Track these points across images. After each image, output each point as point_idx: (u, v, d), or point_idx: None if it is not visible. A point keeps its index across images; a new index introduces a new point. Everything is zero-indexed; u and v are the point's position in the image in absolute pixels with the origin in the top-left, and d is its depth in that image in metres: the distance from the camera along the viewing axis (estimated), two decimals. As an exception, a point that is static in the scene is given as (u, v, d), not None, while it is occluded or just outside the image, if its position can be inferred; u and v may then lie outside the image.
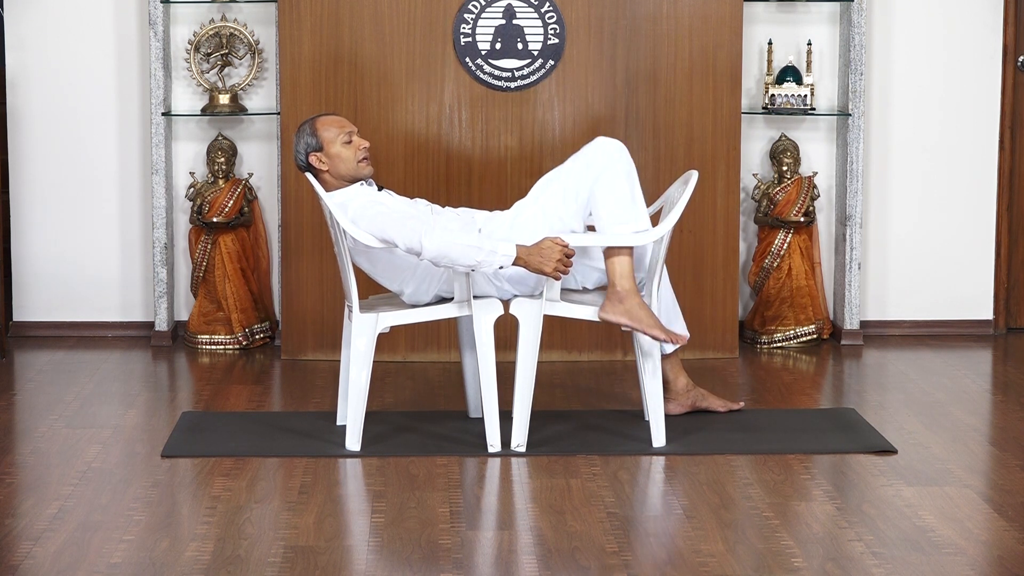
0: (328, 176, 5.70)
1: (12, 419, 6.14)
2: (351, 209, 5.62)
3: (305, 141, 5.71)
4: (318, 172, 5.71)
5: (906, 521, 4.89)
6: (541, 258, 5.48)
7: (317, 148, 5.69)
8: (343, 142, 5.69)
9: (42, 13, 7.38)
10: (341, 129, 5.71)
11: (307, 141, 5.70)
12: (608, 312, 5.58)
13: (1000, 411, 6.33)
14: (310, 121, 5.75)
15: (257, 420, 6.09)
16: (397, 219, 5.52)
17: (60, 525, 4.85)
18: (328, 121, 5.74)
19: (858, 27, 7.25)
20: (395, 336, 6.97)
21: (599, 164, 5.59)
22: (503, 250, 5.45)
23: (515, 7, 6.97)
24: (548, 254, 5.47)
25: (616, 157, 5.61)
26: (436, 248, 5.44)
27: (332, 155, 5.68)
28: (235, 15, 7.35)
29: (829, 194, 7.52)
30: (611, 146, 5.63)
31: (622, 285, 5.56)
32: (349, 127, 5.72)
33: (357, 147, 5.71)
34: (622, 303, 5.56)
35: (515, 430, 5.62)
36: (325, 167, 5.69)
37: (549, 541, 4.73)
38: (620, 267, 5.57)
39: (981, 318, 7.64)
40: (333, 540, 4.74)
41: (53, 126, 7.44)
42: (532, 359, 5.62)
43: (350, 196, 5.68)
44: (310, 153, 5.69)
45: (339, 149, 5.69)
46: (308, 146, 5.70)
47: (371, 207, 5.59)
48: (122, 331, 7.55)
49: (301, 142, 5.72)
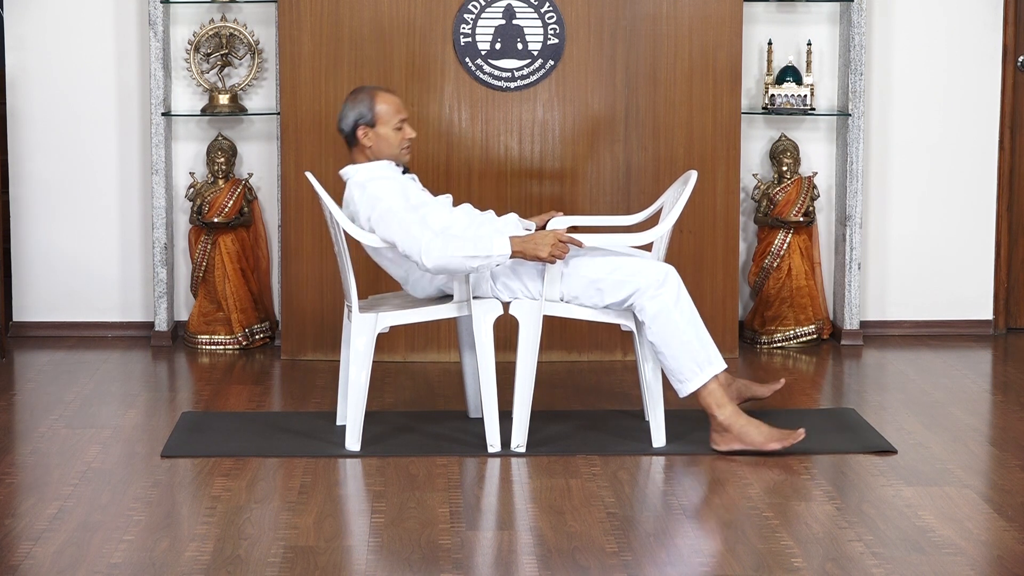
0: (367, 151, 5.68)
1: (12, 419, 6.14)
2: (369, 188, 5.59)
3: (359, 111, 5.65)
4: (354, 144, 5.69)
5: (906, 521, 4.89)
6: (535, 244, 5.48)
7: (369, 123, 5.65)
8: (395, 127, 5.66)
9: (42, 13, 7.38)
10: (397, 113, 5.67)
11: (361, 112, 5.65)
12: (720, 444, 5.58)
13: (1000, 411, 6.33)
14: (369, 92, 5.67)
15: (257, 420, 6.09)
16: (403, 227, 5.48)
17: (60, 525, 4.85)
18: (388, 99, 5.67)
19: (858, 27, 7.25)
20: (395, 336, 6.97)
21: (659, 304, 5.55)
22: (497, 251, 5.45)
23: (515, 7, 6.97)
24: (542, 240, 5.48)
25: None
26: (435, 264, 5.45)
27: (381, 135, 5.65)
28: (235, 15, 7.35)
29: (829, 194, 7.52)
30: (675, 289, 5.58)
31: (722, 415, 5.54)
32: (404, 113, 5.68)
33: (405, 135, 5.68)
34: (729, 431, 5.56)
35: (515, 430, 5.62)
36: (369, 143, 5.66)
37: (549, 541, 4.73)
38: (712, 397, 5.54)
39: (981, 318, 7.64)
40: (333, 540, 4.74)
41: (53, 126, 7.44)
42: (532, 359, 5.62)
43: (375, 174, 5.64)
44: (360, 125, 5.65)
45: (389, 132, 5.66)
46: (361, 117, 5.64)
47: (385, 199, 5.54)
48: (122, 331, 7.55)
49: (354, 111, 5.65)
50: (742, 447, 5.55)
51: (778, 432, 5.54)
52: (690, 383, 5.52)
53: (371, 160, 5.68)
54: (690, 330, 5.52)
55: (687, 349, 5.51)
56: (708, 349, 5.56)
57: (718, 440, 5.58)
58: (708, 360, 5.54)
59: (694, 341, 5.52)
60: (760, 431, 5.53)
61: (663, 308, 5.50)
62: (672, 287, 5.52)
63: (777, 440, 5.51)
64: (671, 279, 5.54)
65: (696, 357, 5.52)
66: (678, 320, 5.51)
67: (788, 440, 5.51)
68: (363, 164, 5.68)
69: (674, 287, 5.53)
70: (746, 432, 5.53)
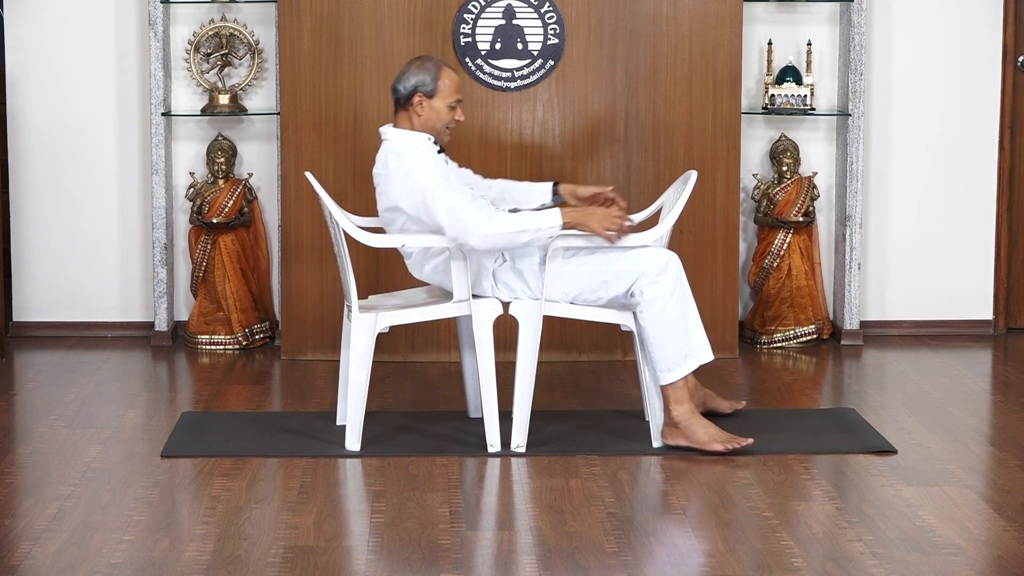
0: (415, 119, 5.68)
1: (12, 419, 6.14)
2: (407, 161, 5.59)
3: (422, 78, 5.65)
4: (405, 107, 5.69)
5: (906, 521, 4.89)
6: (588, 216, 5.53)
7: (428, 93, 5.65)
8: (450, 104, 5.68)
9: (42, 13, 7.38)
10: (456, 93, 5.69)
11: (424, 80, 5.65)
12: (668, 438, 5.65)
13: (1000, 411, 6.32)
14: (437, 64, 5.69)
15: (257, 420, 6.09)
16: (447, 207, 5.50)
17: (60, 525, 4.85)
18: (452, 77, 5.69)
19: (858, 27, 7.25)
20: (395, 336, 6.96)
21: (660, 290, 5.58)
22: (548, 223, 5.49)
23: (515, 7, 6.97)
24: (596, 212, 5.54)
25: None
26: (482, 242, 5.48)
27: (435, 108, 5.66)
28: (235, 15, 7.35)
29: (829, 194, 7.52)
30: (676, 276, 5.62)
31: (676, 411, 5.60)
32: (461, 95, 5.71)
33: (455, 116, 5.70)
34: (678, 427, 5.61)
35: (515, 430, 5.62)
36: (420, 113, 5.67)
37: (549, 541, 4.73)
38: (673, 393, 5.59)
39: (981, 318, 7.64)
40: (333, 540, 4.74)
41: (53, 126, 7.44)
42: (532, 359, 5.62)
43: (413, 145, 5.64)
44: (419, 91, 5.65)
45: (443, 107, 5.67)
46: (422, 84, 5.65)
47: (425, 179, 5.53)
48: (122, 331, 7.55)
49: (417, 77, 5.66)
50: (687, 444, 5.59)
51: (724, 435, 5.60)
52: (671, 373, 5.58)
53: (415, 129, 5.69)
54: (680, 322, 5.57)
55: (675, 340, 5.56)
56: (694, 341, 5.62)
57: (667, 434, 5.65)
58: (691, 353, 5.60)
59: (682, 333, 5.58)
60: (707, 432, 5.59)
61: (659, 295, 5.53)
62: (671, 275, 5.55)
63: (720, 442, 5.57)
64: (671, 266, 5.56)
65: (681, 349, 5.57)
66: (671, 310, 5.54)
67: (731, 444, 5.56)
68: (405, 131, 5.69)
69: (673, 275, 5.56)
70: (693, 431, 5.59)
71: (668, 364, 5.57)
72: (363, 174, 7.00)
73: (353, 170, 7.00)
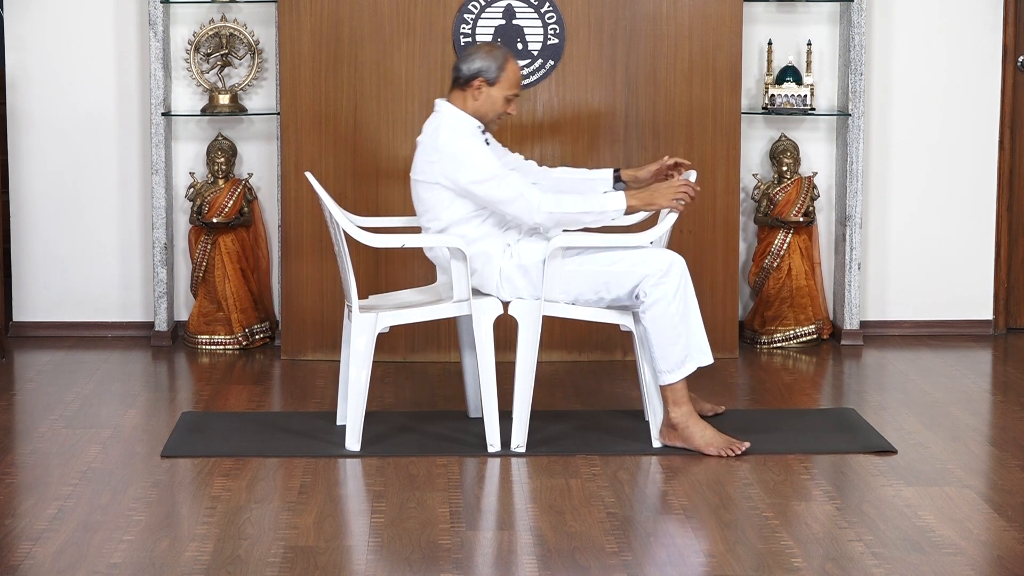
0: (468, 102, 5.68)
1: (12, 419, 6.14)
2: (460, 142, 5.60)
3: (487, 64, 5.66)
4: (463, 88, 5.69)
5: (906, 521, 4.89)
6: (652, 194, 5.59)
7: (490, 80, 5.66)
8: (507, 96, 5.69)
9: (42, 13, 7.38)
10: (515, 87, 5.71)
11: (489, 66, 5.66)
12: (665, 439, 5.65)
13: (1000, 411, 6.32)
14: (505, 54, 5.69)
15: (257, 420, 6.09)
16: (510, 187, 5.53)
17: (60, 525, 4.85)
18: (515, 70, 5.70)
19: (858, 27, 7.25)
20: (395, 336, 6.96)
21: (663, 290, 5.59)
22: (612, 205, 5.55)
23: (515, 7, 6.97)
24: (661, 188, 5.59)
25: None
26: (547, 218, 5.55)
27: (492, 96, 5.67)
28: (235, 15, 7.35)
29: (829, 194, 7.52)
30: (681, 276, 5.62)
31: (675, 413, 5.60)
32: (518, 91, 5.73)
33: (508, 108, 5.71)
34: (675, 429, 5.61)
35: (515, 430, 5.62)
36: (476, 98, 5.68)
37: (549, 541, 4.73)
38: (672, 395, 5.60)
39: (981, 318, 7.64)
40: (333, 540, 4.74)
41: (53, 126, 7.44)
42: (531, 359, 5.62)
43: (465, 126, 5.66)
44: (481, 75, 5.65)
45: (499, 97, 5.68)
46: (486, 70, 5.65)
47: (480, 167, 5.55)
48: (122, 331, 7.55)
49: (483, 62, 5.66)
50: (683, 446, 5.60)
51: (721, 439, 5.59)
52: (671, 375, 5.58)
53: (467, 111, 5.69)
54: (682, 324, 5.58)
55: (676, 343, 5.56)
56: (695, 343, 5.63)
57: (665, 434, 5.65)
58: (691, 356, 5.61)
59: (683, 336, 5.58)
60: (703, 435, 5.59)
61: (662, 297, 5.53)
62: (675, 277, 5.55)
63: (716, 447, 5.57)
64: (675, 268, 5.56)
65: (682, 351, 5.57)
66: (674, 312, 5.55)
67: (726, 450, 5.56)
68: (458, 110, 5.69)
69: (677, 276, 5.56)
70: (690, 433, 5.59)
71: (668, 365, 5.57)
72: (363, 174, 7.00)
73: (353, 170, 7.00)
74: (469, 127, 5.67)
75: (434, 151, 5.64)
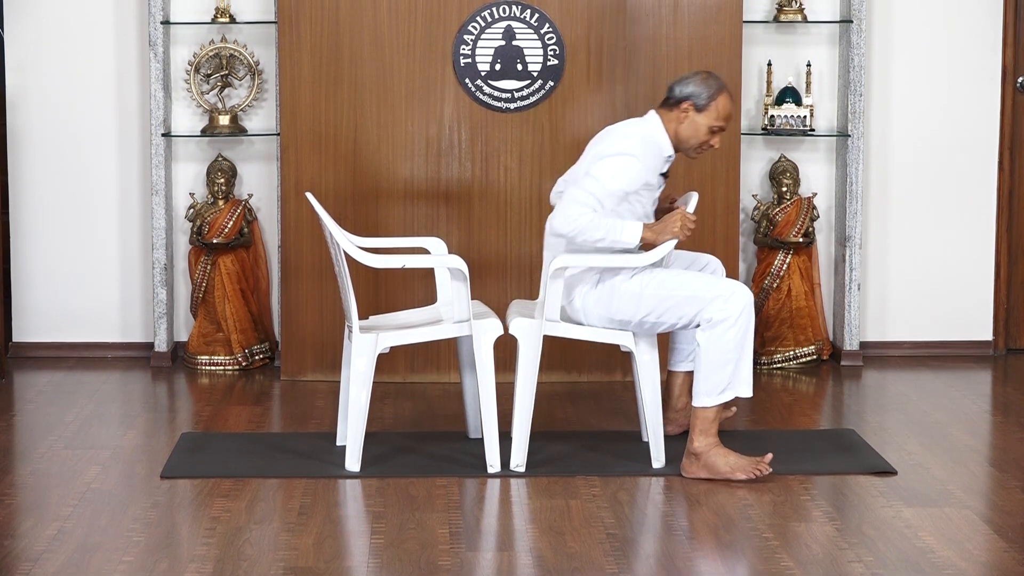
0: (672, 124, 5.67)
1: (11, 440, 6.14)
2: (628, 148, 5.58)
3: (699, 91, 5.65)
4: (672, 109, 5.68)
5: (906, 542, 4.89)
6: (662, 228, 5.57)
7: (698, 107, 5.64)
8: (711, 127, 5.66)
9: (42, 34, 7.39)
10: (722, 119, 5.66)
11: (700, 92, 5.65)
12: (687, 470, 5.60)
13: (1000, 432, 6.32)
14: (720, 87, 5.66)
15: (257, 441, 6.08)
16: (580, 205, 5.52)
17: (59, 546, 4.85)
18: (726, 104, 5.67)
19: (857, 48, 7.26)
20: (395, 357, 6.96)
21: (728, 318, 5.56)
22: (627, 237, 5.52)
23: (515, 28, 6.98)
24: (669, 225, 5.57)
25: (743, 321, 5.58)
26: (562, 226, 5.53)
27: (696, 123, 5.66)
28: (235, 36, 7.36)
29: (828, 215, 7.53)
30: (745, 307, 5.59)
31: (699, 442, 5.56)
32: (725, 124, 5.68)
33: (711, 140, 5.67)
34: (699, 459, 5.57)
35: (514, 450, 5.62)
36: (681, 121, 5.66)
37: (549, 562, 4.72)
38: (701, 423, 5.55)
39: (981, 339, 7.64)
40: (332, 561, 4.74)
41: (53, 147, 7.45)
42: (532, 379, 5.62)
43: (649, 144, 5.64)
44: (690, 100, 5.64)
45: (704, 125, 5.66)
46: (696, 96, 5.64)
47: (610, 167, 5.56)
48: (122, 352, 7.55)
49: (696, 88, 5.65)
50: (708, 476, 5.56)
51: (746, 461, 5.55)
52: (708, 398, 5.53)
53: (669, 132, 5.68)
54: (735, 352, 5.52)
55: (724, 368, 5.52)
56: (740, 374, 5.56)
57: (687, 465, 5.60)
58: (732, 385, 5.55)
59: (733, 364, 5.52)
60: (727, 461, 5.54)
61: (724, 320, 5.49)
62: (738, 304, 5.51)
63: (742, 470, 5.52)
64: (739, 296, 5.52)
65: (727, 379, 5.53)
66: (731, 338, 5.51)
67: (753, 471, 5.52)
68: (661, 128, 5.67)
69: (740, 304, 5.51)
70: (713, 463, 5.54)
71: (709, 388, 5.53)
72: (363, 194, 7.01)
73: (353, 190, 7.01)
74: (655, 148, 5.65)
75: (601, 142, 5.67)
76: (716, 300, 5.51)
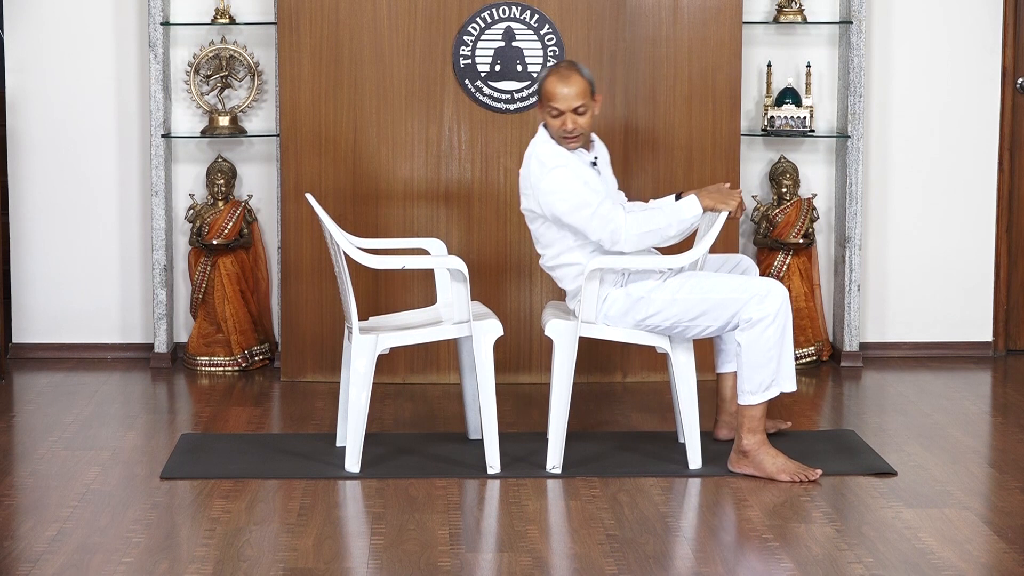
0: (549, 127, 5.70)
1: (11, 441, 6.14)
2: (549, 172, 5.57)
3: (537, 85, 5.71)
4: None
5: (906, 543, 4.89)
6: (723, 196, 5.59)
7: (538, 101, 5.66)
8: (550, 115, 5.63)
9: (42, 35, 7.39)
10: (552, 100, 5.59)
11: (537, 88, 5.66)
12: (735, 466, 5.62)
13: (1000, 433, 6.32)
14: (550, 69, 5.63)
15: (256, 442, 6.08)
16: (593, 219, 5.52)
17: (59, 547, 4.85)
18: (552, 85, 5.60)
19: (857, 49, 7.26)
20: (395, 358, 6.96)
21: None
22: (690, 212, 5.54)
23: (515, 29, 6.98)
24: (730, 193, 5.60)
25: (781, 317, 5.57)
26: (634, 246, 5.53)
27: (545, 115, 5.65)
28: (235, 37, 7.37)
29: (828, 216, 7.53)
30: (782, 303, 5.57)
31: (748, 440, 5.57)
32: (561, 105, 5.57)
33: (564, 127, 5.61)
34: (747, 456, 5.58)
35: (551, 452, 5.60)
36: (544, 120, 5.67)
37: (548, 563, 4.72)
38: (748, 422, 5.57)
39: (981, 340, 7.64)
40: (332, 562, 4.74)
41: (53, 148, 7.45)
42: (567, 381, 5.59)
43: (549, 159, 5.61)
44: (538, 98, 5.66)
45: (546, 116, 5.64)
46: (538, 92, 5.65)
47: (569, 194, 5.54)
48: (121, 353, 7.55)
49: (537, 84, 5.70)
50: (754, 473, 5.56)
51: (793, 465, 5.55)
52: (754, 396, 5.54)
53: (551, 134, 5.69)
54: (776, 349, 5.52)
55: (767, 365, 5.52)
56: (783, 370, 5.56)
57: (735, 461, 5.61)
58: (777, 381, 5.55)
59: (775, 360, 5.53)
60: (775, 462, 5.55)
61: (763, 319, 5.49)
62: (775, 301, 5.50)
63: (789, 473, 5.53)
64: (775, 293, 5.51)
65: (770, 376, 5.53)
66: (770, 336, 5.50)
67: (799, 475, 5.52)
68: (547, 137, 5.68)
69: (777, 301, 5.50)
70: (760, 461, 5.56)
71: (753, 387, 5.53)
72: (363, 195, 7.01)
73: (353, 191, 7.01)
74: (555, 156, 5.63)
75: (528, 185, 5.66)
76: (752, 300, 5.51)
